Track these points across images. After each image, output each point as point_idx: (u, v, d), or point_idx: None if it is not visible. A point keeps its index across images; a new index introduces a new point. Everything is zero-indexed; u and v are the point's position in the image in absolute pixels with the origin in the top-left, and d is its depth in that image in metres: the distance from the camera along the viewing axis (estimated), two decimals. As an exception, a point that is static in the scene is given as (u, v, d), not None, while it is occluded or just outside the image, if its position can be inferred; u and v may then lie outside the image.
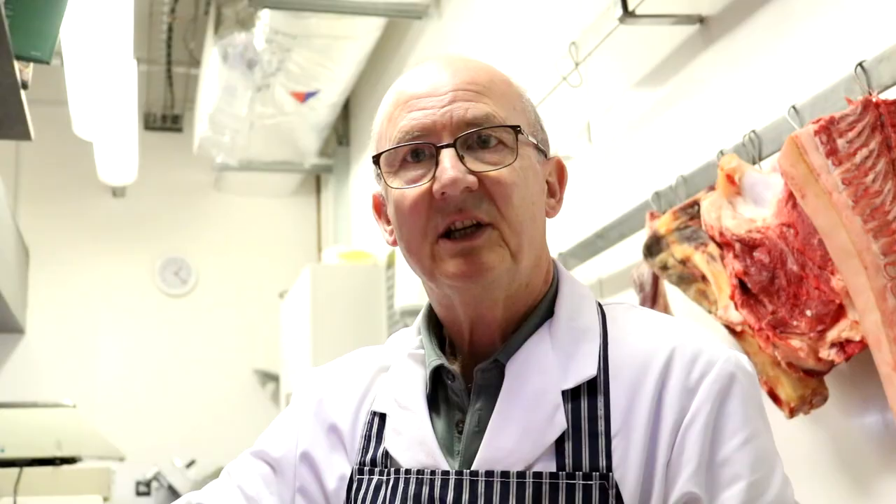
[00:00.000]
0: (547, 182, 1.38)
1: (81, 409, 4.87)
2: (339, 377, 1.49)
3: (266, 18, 5.11)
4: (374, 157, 1.35)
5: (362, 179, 6.64)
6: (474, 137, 1.28)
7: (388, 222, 1.38)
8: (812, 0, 2.23)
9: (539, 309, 1.35)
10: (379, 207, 1.42)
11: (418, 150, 1.29)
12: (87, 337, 7.25)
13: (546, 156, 1.39)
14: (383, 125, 1.35)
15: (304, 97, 5.82)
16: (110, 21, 4.42)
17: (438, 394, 1.35)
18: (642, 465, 1.21)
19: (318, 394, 1.48)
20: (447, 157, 1.26)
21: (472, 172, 1.26)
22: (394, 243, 1.38)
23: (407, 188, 1.29)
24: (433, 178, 1.26)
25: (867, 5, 2.05)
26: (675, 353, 1.25)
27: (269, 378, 7.38)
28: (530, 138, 1.34)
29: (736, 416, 1.22)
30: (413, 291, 4.57)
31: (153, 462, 6.70)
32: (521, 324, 1.34)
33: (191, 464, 6.70)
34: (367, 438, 1.37)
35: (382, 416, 1.37)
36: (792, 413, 2.09)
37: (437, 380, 1.35)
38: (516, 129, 1.30)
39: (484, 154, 1.28)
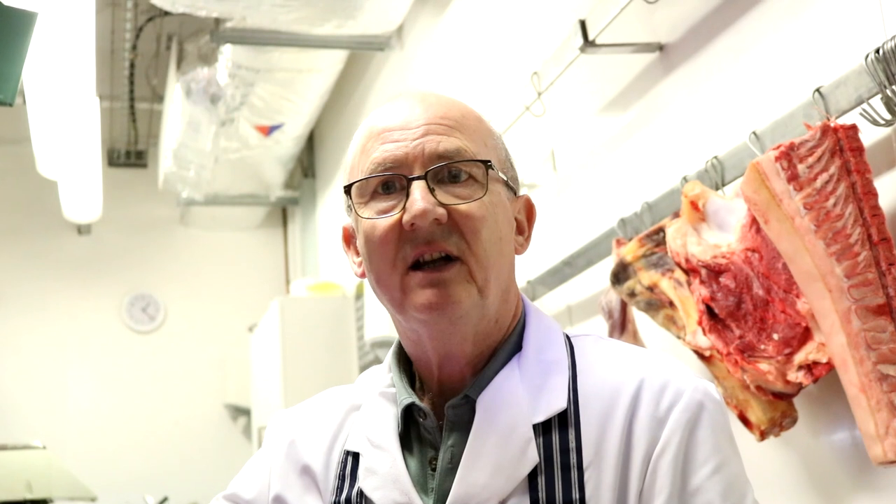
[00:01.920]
0: (516, 220, 1.39)
1: (51, 450, 4.83)
2: (310, 418, 1.48)
3: (228, 53, 5.12)
4: (345, 187, 1.35)
5: (328, 211, 6.64)
6: (445, 171, 1.29)
7: (358, 254, 1.38)
8: (769, 26, 2.26)
9: (507, 343, 1.35)
10: (349, 239, 1.43)
11: (389, 183, 1.30)
12: (56, 377, 7.19)
13: (516, 193, 1.39)
14: (356, 157, 1.36)
15: (268, 131, 5.82)
16: (72, 59, 4.41)
17: (411, 432, 1.35)
18: (615, 497, 1.22)
19: (289, 435, 1.46)
20: (417, 188, 1.27)
21: (441, 205, 1.27)
22: (362, 275, 1.38)
23: (377, 218, 1.29)
24: (403, 209, 1.27)
25: (823, 32, 2.08)
26: (644, 383, 1.26)
27: (241, 412, 7.34)
28: (500, 174, 1.34)
29: (706, 444, 1.23)
30: (383, 323, 4.57)
31: (125, 500, 6.63)
32: (490, 359, 1.34)
33: (163, 501, 6.63)
34: (342, 478, 1.37)
35: (356, 456, 1.36)
36: (762, 436, 2.11)
37: (409, 418, 1.35)
38: (486, 164, 1.31)
39: (454, 188, 1.29)
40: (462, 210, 1.28)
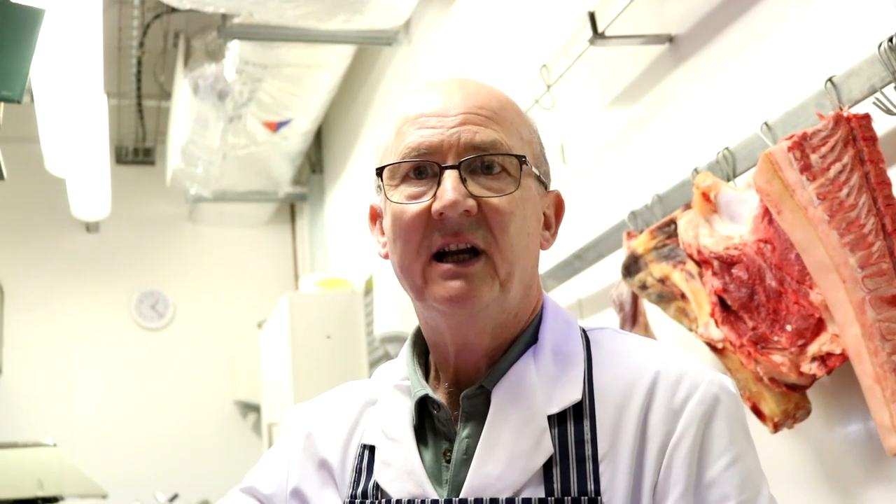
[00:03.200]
0: (544, 214, 1.39)
1: (62, 448, 4.84)
2: (327, 412, 1.48)
3: (236, 49, 5.12)
4: (377, 169, 1.35)
5: (337, 206, 6.64)
6: (479, 162, 1.28)
7: (383, 233, 1.38)
8: (780, 16, 2.25)
9: (524, 335, 1.35)
10: (375, 217, 1.43)
11: (422, 168, 1.30)
12: (65, 374, 7.20)
13: (546, 188, 1.39)
14: (390, 138, 1.35)
15: (276, 126, 5.82)
16: (80, 57, 4.41)
17: (425, 424, 1.35)
18: (630, 489, 1.21)
19: (306, 428, 1.47)
20: (450, 178, 1.26)
21: (472, 196, 1.26)
22: (386, 256, 1.38)
23: (407, 203, 1.29)
24: (434, 197, 1.27)
25: (836, 21, 2.07)
26: (660, 376, 1.26)
27: (251, 409, 7.35)
28: (534, 169, 1.34)
29: (722, 437, 1.22)
30: (393, 318, 4.55)
31: (136, 497, 6.63)
32: (506, 350, 1.34)
33: (174, 498, 6.65)
34: (358, 472, 1.37)
35: (372, 449, 1.36)
36: (776, 428, 2.10)
37: (424, 410, 1.35)
38: (521, 160, 1.30)
39: (487, 180, 1.28)
40: (492, 203, 1.27)
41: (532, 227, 1.33)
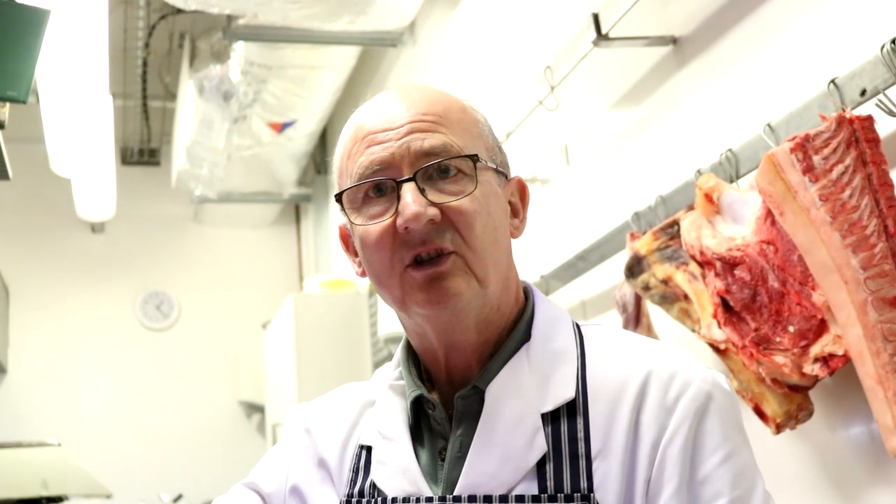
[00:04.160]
0: (509, 203, 1.39)
1: (66, 448, 4.85)
2: (327, 412, 1.49)
3: (241, 50, 5.13)
4: (336, 195, 1.36)
5: (341, 208, 6.64)
6: (433, 168, 1.29)
7: (356, 254, 1.39)
8: (783, 18, 2.25)
9: (515, 332, 1.35)
10: (346, 239, 1.43)
11: (380, 185, 1.30)
12: (70, 374, 7.22)
13: (507, 177, 1.39)
14: (343, 161, 1.36)
15: (280, 127, 5.82)
16: (85, 57, 4.42)
17: (421, 423, 1.36)
18: (623, 486, 1.22)
19: (307, 428, 1.49)
20: (408, 191, 1.26)
21: (433, 204, 1.27)
22: (363, 274, 1.39)
23: (371, 224, 1.30)
24: (396, 212, 1.27)
25: (838, 22, 2.08)
26: (652, 373, 1.26)
27: (255, 409, 7.36)
28: (489, 164, 1.34)
29: (715, 433, 1.23)
30: (396, 319, 4.55)
31: (140, 497, 6.66)
32: (497, 348, 1.34)
33: (178, 498, 6.66)
34: (355, 471, 1.38)
35: (369, 449, 1.38)
36: (778, 429, 2.10)
37: (419, 410, 1.36)
38: (474, 159, 1.30)
39: (444, 184, 1.29)
40: (454, 207, 1.28)
41: (499, 220, 1.33)
